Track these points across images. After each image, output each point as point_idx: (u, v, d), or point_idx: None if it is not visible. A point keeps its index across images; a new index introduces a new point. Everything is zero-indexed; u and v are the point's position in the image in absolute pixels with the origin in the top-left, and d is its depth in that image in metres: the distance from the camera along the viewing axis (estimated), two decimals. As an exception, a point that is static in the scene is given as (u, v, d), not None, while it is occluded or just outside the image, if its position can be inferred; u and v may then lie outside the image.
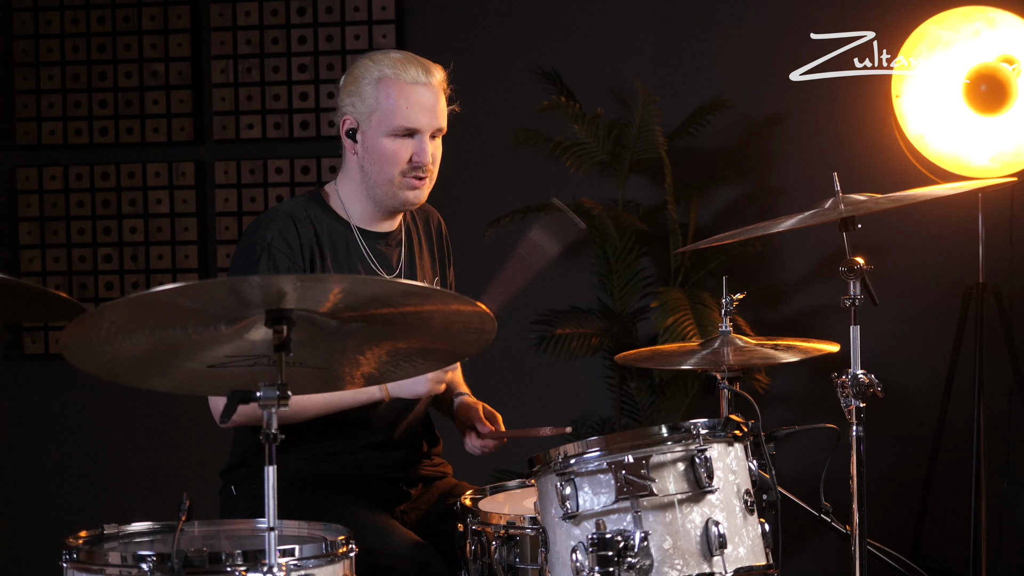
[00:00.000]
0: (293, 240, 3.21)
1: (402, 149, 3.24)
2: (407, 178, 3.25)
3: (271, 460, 2.41)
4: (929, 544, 4.76)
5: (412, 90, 3.23)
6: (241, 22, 5.29)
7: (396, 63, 3.24)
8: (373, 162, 3.26)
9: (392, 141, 3.24)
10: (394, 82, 3.23)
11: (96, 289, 5.37)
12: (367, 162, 3.27)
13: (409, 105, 3.23)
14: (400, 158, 3.24)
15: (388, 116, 3.23)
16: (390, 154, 3.24)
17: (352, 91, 3.27)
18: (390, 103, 3.23)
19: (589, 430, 4.94)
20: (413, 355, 2.63)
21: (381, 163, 3.25)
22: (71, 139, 5.37)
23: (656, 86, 4.96)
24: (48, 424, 5.41)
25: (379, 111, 3.23)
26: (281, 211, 3.27)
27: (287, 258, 3.19)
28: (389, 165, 3.25)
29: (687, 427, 2.78)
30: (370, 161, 3.26)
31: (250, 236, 3.26)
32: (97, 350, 2.43)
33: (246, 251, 3.24)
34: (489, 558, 2.96)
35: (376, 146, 3.25)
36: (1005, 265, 4.79)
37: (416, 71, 3.24)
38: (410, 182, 3.26)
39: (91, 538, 2.78)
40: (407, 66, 3.24)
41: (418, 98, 3.24)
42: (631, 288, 4.94)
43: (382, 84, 3.23)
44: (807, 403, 5.06)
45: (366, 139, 3.26)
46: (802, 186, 4.90)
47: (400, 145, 3.24)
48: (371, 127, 3.25)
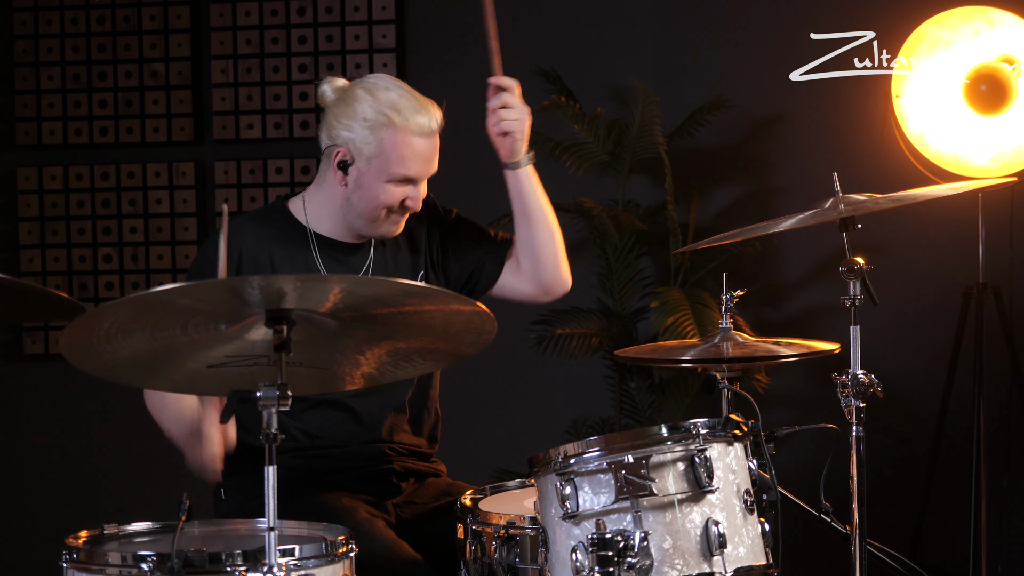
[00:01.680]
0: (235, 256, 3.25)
1: (397, 194, 3.24)
2: (393, 215, 3.27)
3: (271, 460, 2.41)
4: (929, 544, 4.76)
5: (418, 142, 3.22)
6: (241, 22, 5.29)
7: (403, 110, 3.20)
8: (363, 200, 3.26)
9: (388, 186, 3.23)
10: (401, 132, 3.20)
11: (96, 289, 5.37)
12: (356, 197, 3.26)
13: (413, 156, 3.22)
14: (393, 201, 3.25)
15: (390, 164, 3.21)
16: (383, 197, 3.24)
17: (347, 124, 3.23)
18: (395, 153, 3.21)
19: (589, 430, 4.94)
20: (413, 355, 2.63)
21: (371, 202, 3.25)
22: (71, 139, 5.37)
23: (656, 86, 4.96)
24: (48, 424, 5.41)
25: (381, 157, 3.21)
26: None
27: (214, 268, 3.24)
28: (379, 206, 3.25)
29: (687, 427, 2.78)
30: (360, 198, 3.26)
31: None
32: (97, 350, 2.43)
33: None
34: (489, 558, 2.96)
35: (371, 188, 3.24)
36: (1005, 265, 4.80)
37: (423, 120, 3.21)
38: (395, 218, 3.28)
39: (91, 538, 2.78)
40: (414, 115, 3.21)
41: (423, 149, 3.23)
42: (631, 288, 4.94)
43: (387, 131, 3.20)
44: (807, 403, 5.06)
45: (362, 178, 3.24)
46: (802, 186, 4.90)
47: (397, 190, 3.24)
48: (370, 169, 3.23)
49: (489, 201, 5.09)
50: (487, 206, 5.04)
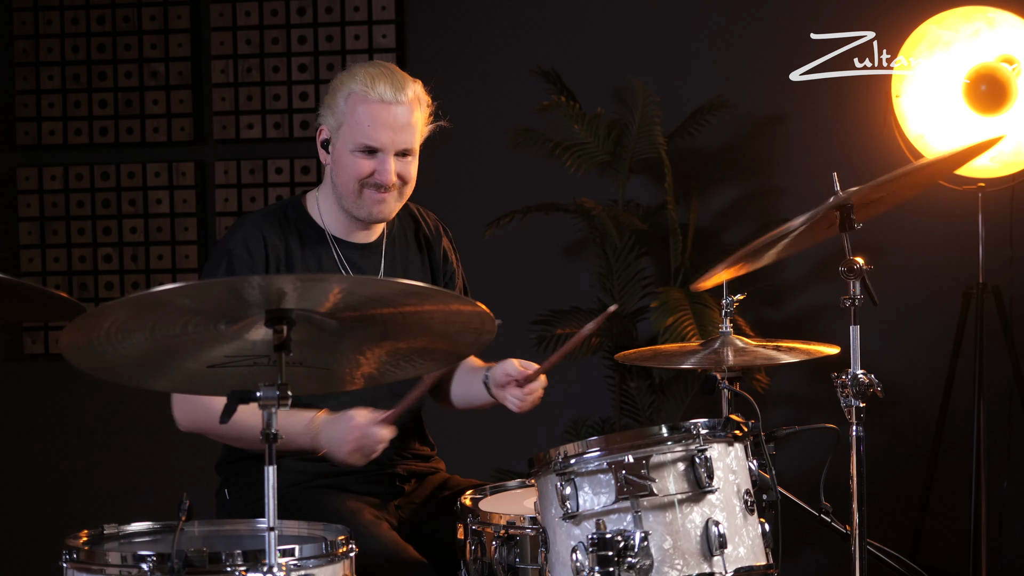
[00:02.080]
0: (256, 251, 3.24)
1: (364, 165, 3.25)
2: (370, 191, 3.26)
3: (271, 460, 2.41)
4: (929, 544, 4.76)
5: (377, 108, 3.23)
6: (241, 22, 5.29)
7: (368, 79, 3.24)
8: (339, 174, 3.29)
9: (354, 156, 3.25)
10: (361, 99, 3.24)
11: (96, 289, 5.37)
12: (335, 174, 3.30)
13: (372, 123, 3.23)
14: (361, 173, 3.25)
15: (352, 132, 3.24)
16: (352, 169, 3.26)
17: (328, 103, 3.30)
18: (355, 119, 3.24)
19: (589, 430, 4.94)
20: (413, 355, 2.63)
21: (345, 176, 3.27)
22: (71, 139, 5.37)
23: (656, 86, 4.96)
24: (48, 424, 5.41)
25: (346, 126, 3.25)
26: (251, 220, 3.31)
27: (247, 267, 3.22)
28: (351, 179, 3.26)
29: (687, 427, 2.78)
30: (336, 173, 3.29)
31: (220, 242, 3.32)
32: (97, 350, 2.43)
33: (213, 256, 3.30)
34: (489, 558, 2.96)
35: (341, 159, 3.27)
36: (1005, 265, 4.80)
37: (384, 88, 3.23)
38: (373, 195, 3.27)
39: (91, 538, 2.78)
40: (377, 82, 3.23)
41: (383, 117, 3.23)
42: (631, 288, 4.94)
43: (350, 99, 3.25)
44: (807, 403, 5.06)
45: (335, 151, 3.28)
46: (802, 186, 4.90)
47: (364, 161, 3.25)
48: (339, 140, 3.27)
49: (488, 201, 5.10)
50: (486, 206, 5.05)
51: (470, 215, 4.97)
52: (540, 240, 5.17)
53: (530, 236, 5.12)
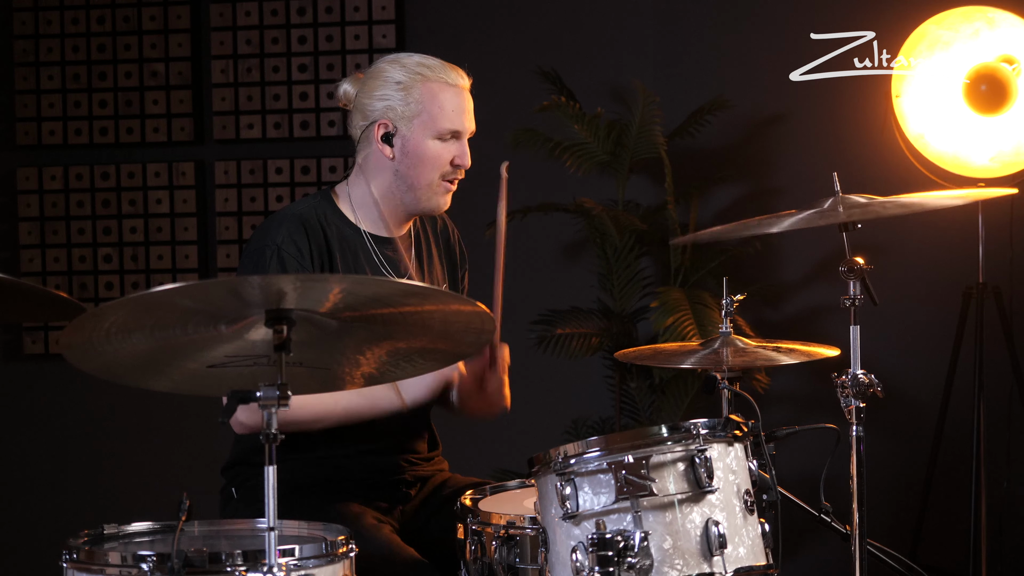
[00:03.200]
0: (303, 243, 3.19)
1: (446, 152, 3.24)
2: (445, 182, 3.26)
3: (271, 460, 2.41)
4: (929, 544, 4.75)
5: (457, 93, 3.24)
6: (241, 22, 5.29)
7: (435, 67, 3.24)
8: (413, 166, 3.24)
9: (437, 144, 3.23)
10: (439, 85, 3.22)
11: (96, 289, 5.37)
12: (405, 166, 3.24)
13: (455, 108, 3.23)
14: (444, 160, 3.24)
15: (435, 119, 3.22)
16: (433, 157, 3.23)
17: (385, 94, 3.23)
18: (437, 106, 3.22)
19: (589, 430, 4.94)
20: (413, 355, 2.63)
21: (422, 166, 3.24)
22: (71, 139, 5.37)
23: (656, 86, 4.96)
24: (48, 424, 5.41)
25: (426, 114, 3.22)
26: (291, 213, 3.24)
27: (296, 261, 3.17)
28: (431, 168, 3.24)
29: (687, 427, 2.78)
30: (409, 165, 3.24)
31: (260, 238, 3.22)
32: (97, 350, 2.43)
33: (256, 253, 3.20)
34: (489, 558, 2.96)
35: (420, 149, 3.23)
36: (1005, 265, 4.80)
37: (456, 74, 3.25)
38: (447, 186, 3.27)
39: (91, 538, 2.78)
40: (447, 70, 3.24)
41: (462, 101, 3.25)
42: (631, 288, 4.94)
43: (427, 87, 3.22)
44: (807, 403, 5.06)
45: (407, 143, 3.23)
46: (802, 186, 4.90)
47: (445, 148, 3.24)
48: (413, 131, 3.22)
49: (488, 201, 5.09)
50: (486, 206, 5.04)
51: (470, 215, 4.96)
52: (540, 240, 5.17)
53: (530, 236, 5.12)
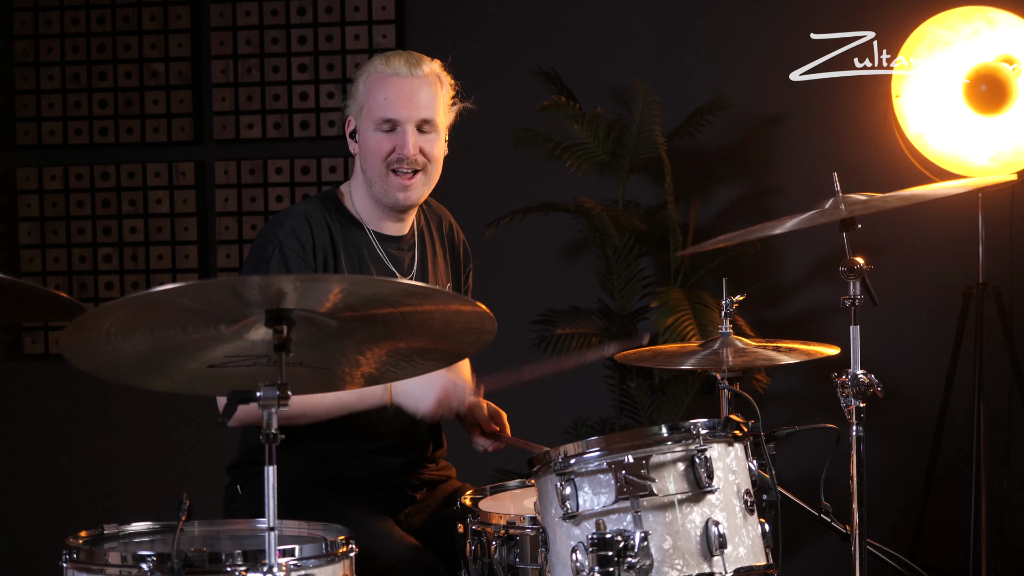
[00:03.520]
0: (306, 240, 3.23)
1: (385, 142, 3.28)
2: (395, 175, 3.28)
3: (271, 460, 2.41)
4: (929, 544, 4.75)
5: (393, 82, 3.28)
6: (241, 22, 5.29)
7: (384, 59, 3.31)
8: (365, 158, 3.32)
9: (376, 135, 3.28)
10: (378, 76, 3.29)
11: (96, 289, 5.37)
12: (362, 159, 3.33)
13: (387, 96, 3.28)
14: (383, 150, 3.28)
15: (372, 109, 3.29)
16: (373, 147, 3.29)
17: (351, 92, 3.35)
18: (373, 96, 3.28)
19: (589, 430, 4.94)
20: (413, 355, 2.63)
21: (370, 158, 3.30)
22: (71, 139, 5.37)
23: (656, 86, 4.96)
24: (48, 424, 5.41)
25: (366, 106, 3.30)
26: (296, 211, 3.30)
27: (299, 257, 3.20)
28: (374, 159, 3.29)
29: (687, 427, 2.78)
30: (363, 158, 3.32)
31: (264, 235, 3.28)
32: (97, 350, 2.43)
33: (259, 250, 3.26)
34: (489, 558, 2.96)
35: (365, 141, 3.31)
36: (1005, 265, 4.79)
37: (399, 63, 3.29)
38: (398, 180, 3.28)
39: (91, 538, 2.78)
40: (392, 59, 3.30)
41: (399, 90, 3.28)
42: (631, 288, 4.94)
43: (369, 80, 3.30)
44: (807, 403, 5.06)
45: (360, 136, 3.32)
46: (802, 186, 4.90)
47: (383, 138, 3.28)
48: (361, 123, 3.31)
49: (488, 201, 5.10)
50: (486, 206, 5.05)
51: (470, 215, 4.96)
52: (540, 240, 5.17)
53: (530, 236, 5.12)
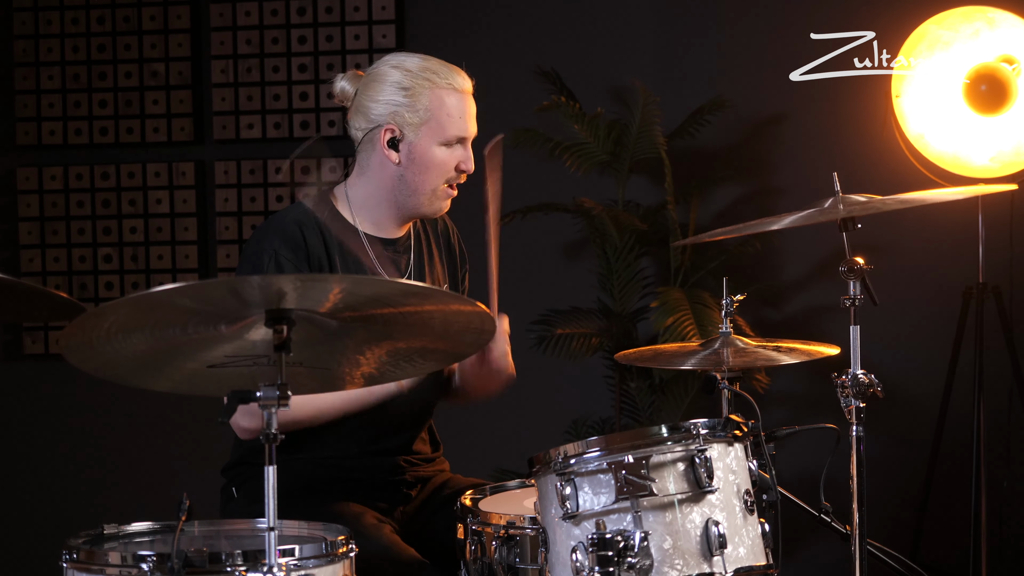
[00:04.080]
0: (299, 246, 3.18)
1: (452, 158, 3.24)
2: (448, 187, 3.26)
3: (271, 460, 2.41)
4: (929, 544, 4.76)
5: (462, 98, 3.23)
6: (241, 22, 5.29)
7: (442, 72, 3.22)
8: (420, 172, 3.23)
9: (443, 150, 3.23)
10: (444, 91, 3.21)
11: (96, 289, 5.37)
12: (412, 172, 3.23)
13: (462, 114, 3.23)
14: (450, 167, 3.24)
15: (443, 126, 3.21)
16: (440, 163, 3.23)
17: (391, 100, 3.21)
18: (445, 112, 3.21)
19: (589, 430, 4.94)
20: (413, 355, 2.63)
21: (429, 172, 3.23)
22: (71, 139, 5.37)
23: (656, 86, 4.96)
24: (48, 424, 5.41)
25: (433, 121, 3.21)
26: (288, 217, 3.23)
27: (293, 265, 3.16)
28: (438, 174, 3.24)
29: (687, 427, 2.78)
30: (416, 171, 3.23)
31: (257, 242, 3.22)
32: (97, 350, 2.43)
33: (254, 256, 3.20)
34: (489, 558, 2.96)
35: (426, 156, 3.22)
36: (1005, 265, 4.80)
37: (462, 79, 3.24)
38: (449, 191, 3.27)
39: (91, 538, 2.78)
40: (453, 74, 3.23)
41: (467, 106, 3.24)
42: (631, 288, 4.94)
43: (432, 93, 3.21)
44: (807, 403, 5.06)
45: (414, 149, 3.22)
46: (802, 186, 4.90)
47: (451, 154, 3.23)
48: (420, 137, 3.21)
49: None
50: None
51: (470, 215, 4.95)
52: (540, 240, 5.17)
53: (530, 236, 5.12)
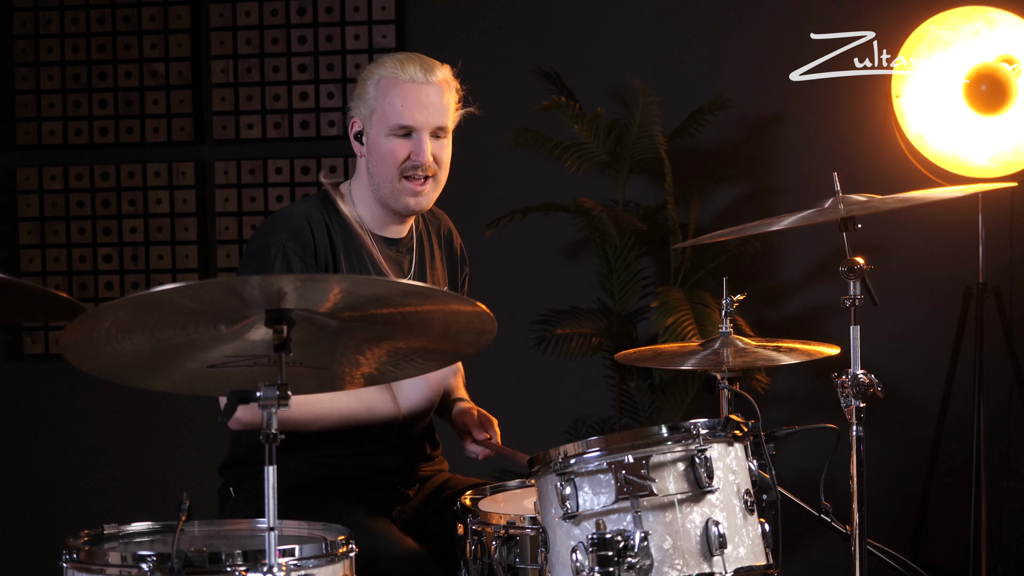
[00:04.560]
0: (307, 243, 3.21)
1: (400, 148, 3.26)
2: (407, 180, 3.26)
3: (271, 460, 2.41)
4: (929, 544, 4.76)
5: (409, 88, 3.25)
6: (241, 22, 5.29)
7: (397, 63, 3.27)
8: (375, 163, 3.28)
9: (391, 140, 3.26)
10: (392, 81, 3.26)
11: (96, 289, 5.37)
12: (371, 163, 3.30)
13: (404, 103, 3.25)
14: (398, 157, 3.26)
15: (386, 115, 3.26)
16: (387, 153, 3.26)
17: (358, 94, 3.31)
18: (387, 102, 3.26)
19: (589, 430, 4.94)
20: (413, 355, 2.63)
21: (382, 163, 3.27)
22: (71, 139, 5.37)
23: (656, 86, 4.96)
24: (48, 424, 5.41)
25: (379, 111, 3.27)
26: (296, 213, 3.27)
27: (301, 260, 3.19)
28: (389, 165, 3.26)
29: (687, 427, 2.78)
30: (373, 162, 3.29)
31: (264, 236, 3.25)
32: (97, 350, 2.43)
33: (261, 250, 3.22)
34: (489, 558, 2.96)
35: (377, 146, 3.27)
36: (1005, 265, 4.80)
37: (414, 69, 3.26)
38: (410, 186, 3.27)
39: (91, 538, 2.78)
40: (406, 65, 3.27)
41: (415, 96, 3.25)
42: (631, 288, 4.94)
43: (381, 84, 3.27)
44: (807, 403, 5.06)
45: (369, 140, 3.29)
46: (802, 186, 4.90)
47: (398, 144, 3.26)
48: (373, 127, 3.28)
49: (488, 201, 5.10)
50: (486, 206, 5.05)
51: (470, 215, 4.96)
52: (540, 240, 5.17)
53: (530, 236, 5.12)
